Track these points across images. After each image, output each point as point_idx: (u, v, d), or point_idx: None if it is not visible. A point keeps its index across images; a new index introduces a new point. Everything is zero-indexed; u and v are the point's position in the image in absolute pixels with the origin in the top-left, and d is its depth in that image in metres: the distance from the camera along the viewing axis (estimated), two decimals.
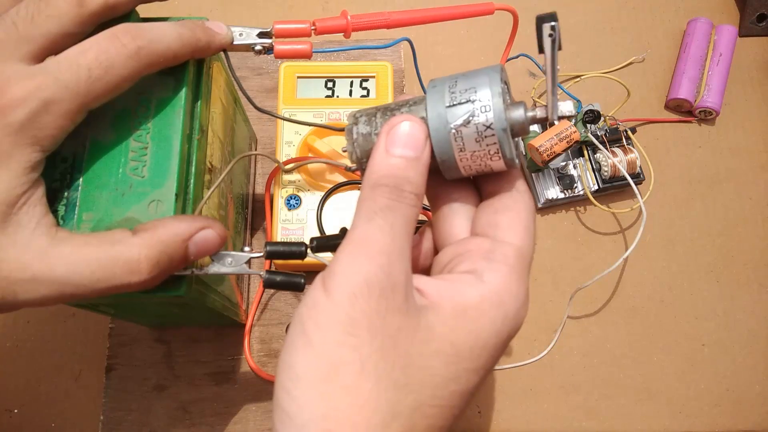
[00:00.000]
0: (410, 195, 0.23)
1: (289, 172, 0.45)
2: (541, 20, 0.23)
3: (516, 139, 0.24)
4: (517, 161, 0.24)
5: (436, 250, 0.26)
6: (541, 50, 0.23)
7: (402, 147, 0.23)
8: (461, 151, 0.23)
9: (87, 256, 0.23)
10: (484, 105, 0.22)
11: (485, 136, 0.22)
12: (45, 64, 0.24)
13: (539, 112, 0.23)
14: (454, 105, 0.23)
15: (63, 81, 0.23)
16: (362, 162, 0.25)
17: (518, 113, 0.23)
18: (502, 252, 0.23)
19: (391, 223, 0.22)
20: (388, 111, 0.24)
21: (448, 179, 0.25)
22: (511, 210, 0.24)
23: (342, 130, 0.27)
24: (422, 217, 0.43)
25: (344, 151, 0.26)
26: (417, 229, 0.24)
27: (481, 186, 0.26)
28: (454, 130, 0.23)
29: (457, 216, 0.25)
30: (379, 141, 0.23)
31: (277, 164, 0.45)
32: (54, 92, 0.23)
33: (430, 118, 0.23)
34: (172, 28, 0.27)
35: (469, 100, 0.22)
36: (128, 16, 0.28)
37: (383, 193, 0.22)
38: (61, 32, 0.24)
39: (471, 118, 0.22)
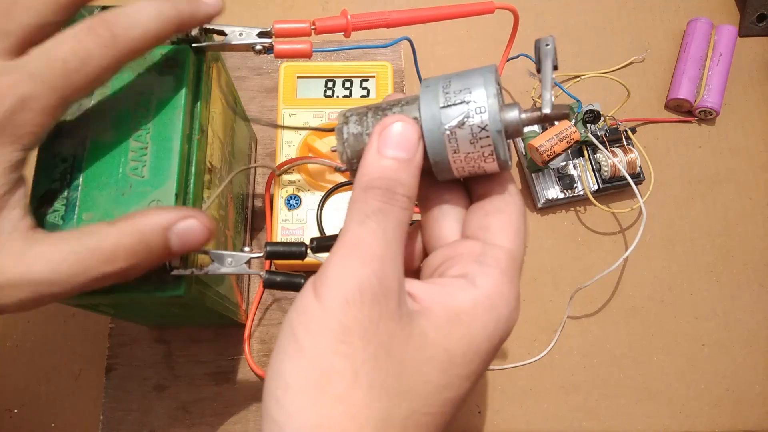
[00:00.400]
0: (402, 198, 0.22)
1: (287, 172, 0.45)
2: (540, 39, 0.24)
3: (509, 140, 0.24)
4: (510, 163, 0.23)
5: (425, 252, 0.26)
6: (537, 65, 0.24)
7: (394, 148, 0.22)
8: (455, 152, 0.23)
9: (63, 252, 0.23)
10: (479, 106, 0.22)
11: (480, 138, 0.22)
12: (20, 60, 0.23)
13: (533, 114, 0.23)
14: (448, 106, 0.22)
15: (38, 75, 0.23)
16: (353, 162, 0.24)
17: (513, 114, 0.23)
18: (493, 255, 0.23)
19: (384, 227, 0.21)
20: (379, 110, 0.24)
21: (440, 180, 0.24)
22: (502, 212, 0.24)
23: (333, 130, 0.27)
24: (416, 215, 0.43)
25: (333, 151, 0.25)
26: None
27: (471, 187, 0.25)
28: (448, 132, 0.22)
29: (447, 218, 0.25)
30: (370, 142, 0.23)
31: (271, 170, 0.45)
32: (30, 88, 0.22)
33: (424, 119, 0.23)
34: (150, 7, 0.25)
35: (464, 101, 0.22)
36: None
37: (375, 195, 0.22)
38: (40, 23, 0.23)
39: (466, 119, 0.22)
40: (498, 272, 0.22)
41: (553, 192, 0.49)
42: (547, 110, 0.23)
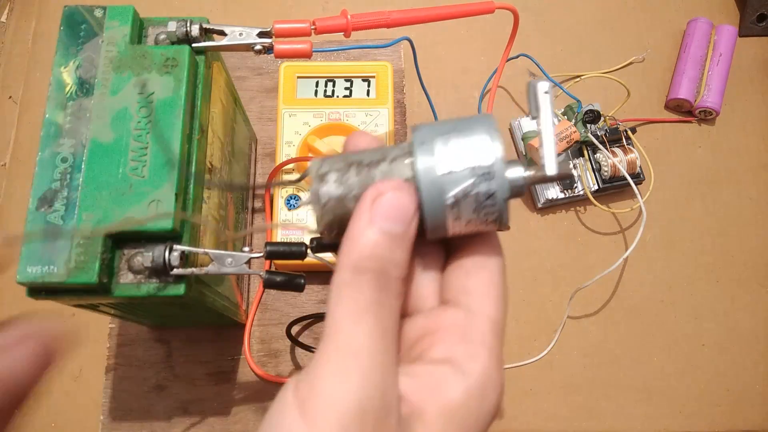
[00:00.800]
0: (397, 281, 0.20)
1: (288, 172, 0.45)
2: (534, 83, 0.21)
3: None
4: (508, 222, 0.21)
5: None
6: (534, 113, 0.21)
7: (390, 221, 0.19)
8: (456, 220, 0.20)
9: None
10: (487, 172, 0.20)
11: (485, 206, 0.20)
12: None
13: (537, 174, 0.21)
14: (451, 172, 0.20)
15: None
16: (332, 227, 0.21)
17: (517, 177, 0.20)
18: (478, 329, 0.20)
19: (383, 325, 0.19)
20: (363, 167, 0.21)
21: (427, 240, 0.22)
22: (484, 270, 0.21)
23: (299, 179, 0.23)
24: None
25: (297, 206, 0.23)
26: None
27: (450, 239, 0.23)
28: (451, 202, 0.20)
29: (423, 277, 0.22)
30: (360, 212, 0.20)
31: (272, 170, 0.44)
32: None
33: (422, 185, 0.20)
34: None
35: (470, 167, 0.20)
36: None
37: (369, 281, 0.19)
38: None
39: (471, 188, 0.20)
40: (486, 353, 0.20)
41: (553, 192, 0.49)
42: (552, 172, 0.20)
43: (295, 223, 0.44)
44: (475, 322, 0.20)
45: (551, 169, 0.20)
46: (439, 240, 0.22)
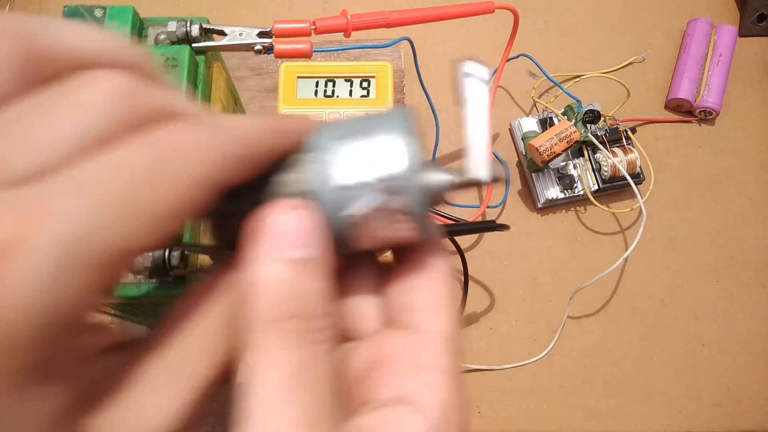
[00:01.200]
0: (327, 320, 0.15)
1: None
2: (460, 64, 0.18)
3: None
4: (434, 231, 0.18)
5: None
6: (458, 102, 0.18)
7: (299, 247, 0.15)
8: (364, 238, 0.17)
9: None
10: (398, 185, 0.16)
11: (398, 222, 0.16)
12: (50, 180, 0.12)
13: (463, 179, 0.17)
14: (352, 186, 0.16)
15: (90, 191, 0.12)
16: (231, 245, 0.16)
17: (438, 182, 0.16)
18: (430, 351, 0.17)
19: (320, 395, 0.14)
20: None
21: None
22: (427, 280, 0.18)
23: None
24: None
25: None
26: None
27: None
28: (352, 221, 0.16)
29: (360, 294, 0.19)
30: (258, 243, 0.15)
31: None
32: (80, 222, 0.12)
33: (319, 202, 0.16)
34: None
35: (377, 177, 0.16)
36: None
37: (291, 334, 0.14)
38: (97, 132, 0.13)
39: (381, 204, 0.16)
40: (442, 379, 0.17)
41: (553, 192, 0.49)
42: (482, 175, 0.17)
43: None
44: (426, 343, 0.17)
45: (481, 171, 0.17)
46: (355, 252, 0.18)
